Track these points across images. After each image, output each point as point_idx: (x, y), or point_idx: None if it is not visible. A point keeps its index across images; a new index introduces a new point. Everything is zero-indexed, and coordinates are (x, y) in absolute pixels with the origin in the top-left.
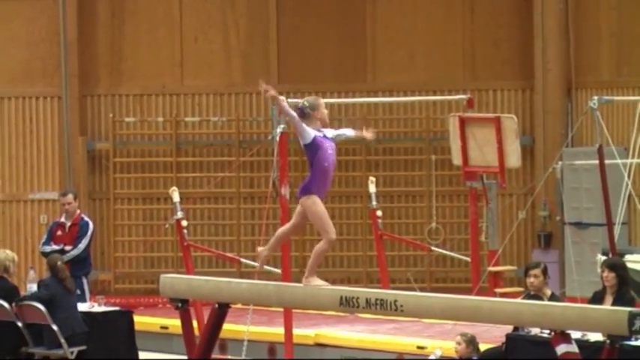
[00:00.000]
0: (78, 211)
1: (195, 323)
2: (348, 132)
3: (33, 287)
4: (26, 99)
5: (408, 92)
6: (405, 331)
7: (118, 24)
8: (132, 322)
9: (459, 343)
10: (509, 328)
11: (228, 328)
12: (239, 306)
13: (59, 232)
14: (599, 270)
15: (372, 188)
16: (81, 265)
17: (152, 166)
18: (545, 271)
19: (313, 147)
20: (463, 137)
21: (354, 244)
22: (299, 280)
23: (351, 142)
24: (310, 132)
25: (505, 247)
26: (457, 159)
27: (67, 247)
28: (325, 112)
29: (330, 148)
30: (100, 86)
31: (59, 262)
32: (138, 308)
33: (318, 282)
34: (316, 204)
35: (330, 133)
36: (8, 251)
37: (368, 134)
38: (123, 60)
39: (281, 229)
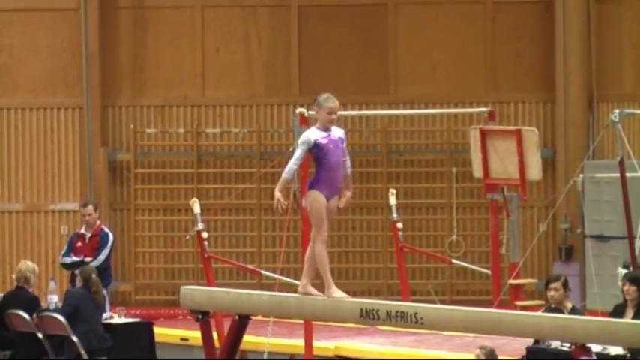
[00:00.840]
0: (98, 222)
1: (215, 335)
2: (348, 169)
3: (53, 298)
4: (48, 109)
5: (430, 104)
6: (425, 343)
7: (140, 35)
8: (152, 333)
9: (478, 357)
10: (529, 341)
11: (249, 339)
12: (259, 317)
13: (79, 243)
14: (619, 283)
15: (393, 200)
16: (101, 276)
17: (173, 178)
18: (565, 284)
19: (315, 149)
20: (484, 149)
21: (375, 256)
22: (320, 292)
23: (372, 153)
24: (309, 138)
25: (526, 259)
26: (478, 171)
27: (87, 259)
28: (327, 116)
29: (332, 149)
30: (122, 97)
31: (93, 275)
32: (158, 319)
33: (339, 294)
34: (317, 200)
35: (338, 132)
36: (29, 262)
37: (343, 201)
38: (144, 71)
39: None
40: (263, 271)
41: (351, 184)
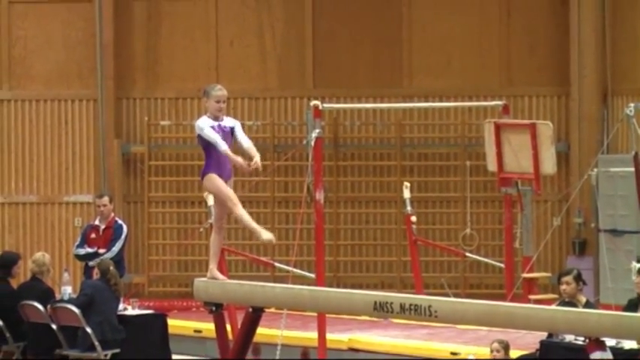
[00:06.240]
0: (112, 214)
1: (228, 327)
2: (245, 142)
3: (67, 289)
4: (62, 101)
5: (444, 97)
6: (438, 336)
7: (154, 27)
8: (166, 325)
9: (497, 351)
10: (542, 335)
11: (262, 332)
12: (273, 310)
13: (93, 235)
14: (633, 277)
15: (407, 194)
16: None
17: (187, 170)
18: (577, 278)
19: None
20: (498, 143)
21: (388, 249)
22: (333, 285)
23: (386, 147)
24: (203, 125)
25: (540, 253)
26: (492, 165)
27: (101, 250)
28: (215, 105)
29: (221, 137)
30: (136, 89)
31: (111, 268)
32: (172, 311)
33: (218, 276)
34: (213, 180)
35: (229, 122)
36: (43, 253)
37: (253, 165)
38: (158, 63)
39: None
40: (277, 264)
41: (256, 151)
